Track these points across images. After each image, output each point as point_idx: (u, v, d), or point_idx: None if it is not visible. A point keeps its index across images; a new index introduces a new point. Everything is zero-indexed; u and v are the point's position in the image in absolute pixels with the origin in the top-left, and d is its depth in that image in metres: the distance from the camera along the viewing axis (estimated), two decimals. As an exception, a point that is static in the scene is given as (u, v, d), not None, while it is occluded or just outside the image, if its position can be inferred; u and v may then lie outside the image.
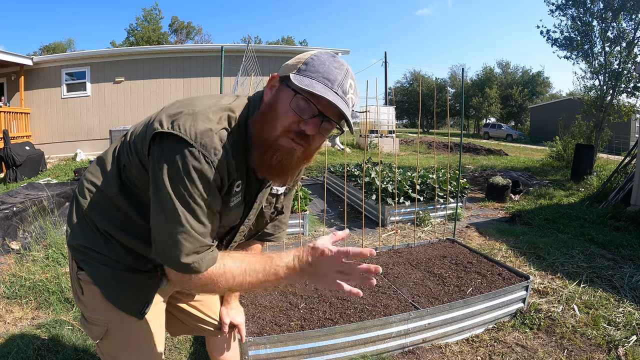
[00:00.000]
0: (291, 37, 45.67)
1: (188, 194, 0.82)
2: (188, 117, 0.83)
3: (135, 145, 0.93)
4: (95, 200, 0.99)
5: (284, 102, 0.85)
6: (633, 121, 17.36)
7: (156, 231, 0.86)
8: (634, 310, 2.54)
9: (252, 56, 7.69)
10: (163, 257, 0.86)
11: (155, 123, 0.85)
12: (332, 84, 0.83)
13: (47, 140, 10.82)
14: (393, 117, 14.86)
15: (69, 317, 2.38)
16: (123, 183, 0.97)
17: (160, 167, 0.82)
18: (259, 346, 1.85)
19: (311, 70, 0.84)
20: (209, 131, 0.82)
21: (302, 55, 0.88)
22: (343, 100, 0.84)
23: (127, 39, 35.16)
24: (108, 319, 1.02)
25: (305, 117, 0.83)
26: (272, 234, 1.25)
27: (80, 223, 1.01)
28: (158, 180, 0.82)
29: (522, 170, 9.82)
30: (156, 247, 0.87)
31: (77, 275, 1.02)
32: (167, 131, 0.82)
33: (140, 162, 0.92)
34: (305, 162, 0.92)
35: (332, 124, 0.87)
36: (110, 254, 0.99)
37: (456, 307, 2.21)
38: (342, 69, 0.86)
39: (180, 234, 0.83)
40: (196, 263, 0.85)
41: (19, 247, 3.36)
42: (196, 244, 0.84)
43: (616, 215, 4.80)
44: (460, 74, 28.38)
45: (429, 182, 5.05)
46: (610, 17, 8.68)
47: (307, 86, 0.80)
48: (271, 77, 0.90)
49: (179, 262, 0.84)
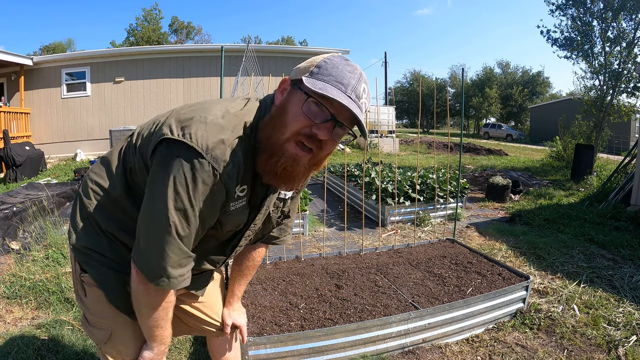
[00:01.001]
0: (291, 37, 45.70)
1: (190, 205, 0.80)
2: (200, 126, 0.80)
3: (141, 148, 0.91)
4: (100, 201, 0.98)
5: (295, 105, 0.82)
6: (633, 121, 17.35)
7: (143, 236, 0.84)
8: (634, 310, 2.54)
9: (252, 56, 7.69)
10: (142, 261, 0.85)
11: (164, 128, 0.82)
12: (345, 88, 0.81)
13: (47, 140, 10.82)
14: (393, 117, 14.87)
15: (69, 317, 2.38)
16: (129, 185, 0.96)
17: (165, 173, 0.79)
18: (259, 346, 1.85)
19: (324, 73, 0.81)
20: (221, 143, 0.80)
21: (315, 58, 0.86)
22: (357, 104, 0.81)
23: (127, 39, 35.16)
24: (111, 322, 1.01)
25: (318, 122, 0.81)
26: (278, 237, 1.24)
27: (84, 224, 1.00)
28: (159, 185, 0.80)
29: (522, 170, 9.82)
30: (139, 250, 0.86)
31: (80, 277, 1.01)
32: (177, 138, 0.79)
33: (145, 166, 0.90)
34: (314, 169, 0.90)
35: (344, 129, 0.84)
36: (115, 256, 0.98)
37: (456, 307, 2.21)
38: (355, 73, 0.83)
39: (168, 244, 0.82)
40: (175, 279, 0.85)
41: (19, 247, 3.36)
42: (181, 256, 0.84)
43: (616, 215, 4.80)
44: (460, 74, 28.40)
45: (429, 182, 5.06)
46: (610, 17, 8.68)
47: (321, 89, 0.78)
48: (282, 80, 0.89)
49: (160, 271, 0.83)
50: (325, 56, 0.86)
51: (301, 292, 2.44)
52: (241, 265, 1.27)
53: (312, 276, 2.68)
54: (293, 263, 2.96)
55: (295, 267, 2.87)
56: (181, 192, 0.79)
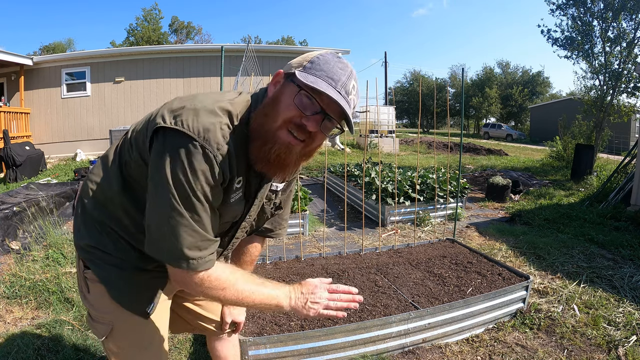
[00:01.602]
0: (291, 37, 45.70)
1: (190, 189, 0.82)
2: (190, 112, 0.83)
3: (136, 140, 0.93)
4: (99, 199, 1.00)
5: (287, 97, 0.86)
6: (633, 121, 17.36)
7: (154, 225, 0.86)
8: (634, 310, 2.54)
9: (252, 56, 7.69)
10: (159, 251, 0.86)
11: (157, 118, 0.85)
12: (335, 83, 0.85)
13: (47, 140, 10.82)
14: (393, 117, 14.87)
15: (69, 317, 2.38)
16: (125, 180, 0.97)
17: (162, 161, 0.82)
18: (259, 346, 1.85)
19: (316, 68, 0.86)
20: (212, 126, 0.83)
21: (308, 54, 0.90)
22: (345, 99, 0.86)
23: (127, 39, 35.16)
24: (113, 317, 1.03)
25: (308, 114, 0.85)
26: (272, 230, 1.27)
27: (86, 223, 1.02)
28: (159, 174, 0.82)
29: (522, 170, 9.82)
30: (152, 241, 0.87)
31: (84, 274, 1.03)
32: (170, 126, 0.82)
33: (140, 158, 0.92)
34: (304, 159, 0.94)
35: (332, 123, 0.89)
36: (117, 253, 1.00)
37: (456, 307, 2.21)
38: (346, 70, 0.87)
39: (181, 227, 0.83)
40: (194, 261, 0.86)
41: (19, 247, 3.36)
42: (197, 238, 0.85)
43: (616, 215, 4.80)
44: (460, 74, 28.37)
45: (429, 182, 5.06)
46: (610, 17, 8.68)
47: (312, 83, 0.82)
48: (276, 73, 0.92)
49: (179, 255, 0.84)
50: (318, 52, 0.90)
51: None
52: (239, 260, 1.30)
53: (312, 276, 2.68)
54: (293, 263, 2.96)
55: (295, 267, 2.87)
56: (181, 177, 0.81)
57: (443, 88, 30.56)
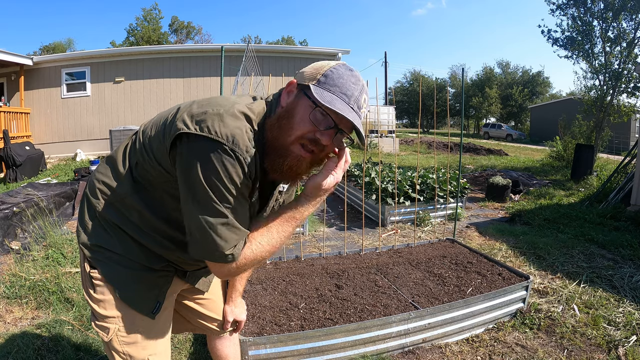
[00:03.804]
0: (291, 37, 45.64)
1: (227, 191, 0.84)
2: (215, 117, 0.84)
3: (151, 144, 0.95)
4: (108, 200, 1.01)
5: (301, 111, 0.88)
6: (633, 121, 17.36)
7: (196, 229, 0.87)
8: (634, 310, 2.54)
9: (252, 56, 7.68)
10: (205, 252, 0.89)
11: (178, 123, 0.86)
12: (349, 99, 0.88)
13: (47, 140, 10.82)
14: (393, 117, 14.88)
15: (69, 317, 2.38)
16: (135, 181, 0.99)
17: (195, 169, 0.83)
18: (259, 346, 1.85)
19: (330, 83, 0.88)
20: (239, 130, 0.84)
21: (321, 66, 0.91)
22: (357, 115, 0.89)
23: (127, 39, 35.12)
24: (119, 317, 1.03)
25: (322, 128, 0.88)
26: None
27: (93, 223, 1.03)
28: (192, 180, 0.84)
29: (522, 170, 9.82)
30: (196, 243, 0.89)
31: (90, 274, 1.03)
32: (195, 132, 0.83)
33: (157, 162, 0.93)
34: (315, 167, 0.97)
35: (344, 135, 0.93)
36: (124, 252, 1.01)
37: (456, 307, 2.21)
38: (358, 85, 0.90)
39: (225, 226, 0.86)
40: (235, 253, 0.89)
41: (19, 247, 3.36)
42: (241, 234, 0.88)
43: (616, 215, 4.80)
44: (460, 74, 28.41)
45: (429, 182, 5.06)
46: (610, 17, 8.68)
47: (328, 103, 0.85)
48: (290, 82, 0.94)
49: (223, 253, 0.87)
50: (332, 65, 0.92)
51: (301, 292, 2.44)
52: None
53: (312, 276, 2.68)
54: (293, 263, 2.96)
55: (295, 267, 2.87)
56: (216, 181, 0.83)
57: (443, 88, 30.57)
